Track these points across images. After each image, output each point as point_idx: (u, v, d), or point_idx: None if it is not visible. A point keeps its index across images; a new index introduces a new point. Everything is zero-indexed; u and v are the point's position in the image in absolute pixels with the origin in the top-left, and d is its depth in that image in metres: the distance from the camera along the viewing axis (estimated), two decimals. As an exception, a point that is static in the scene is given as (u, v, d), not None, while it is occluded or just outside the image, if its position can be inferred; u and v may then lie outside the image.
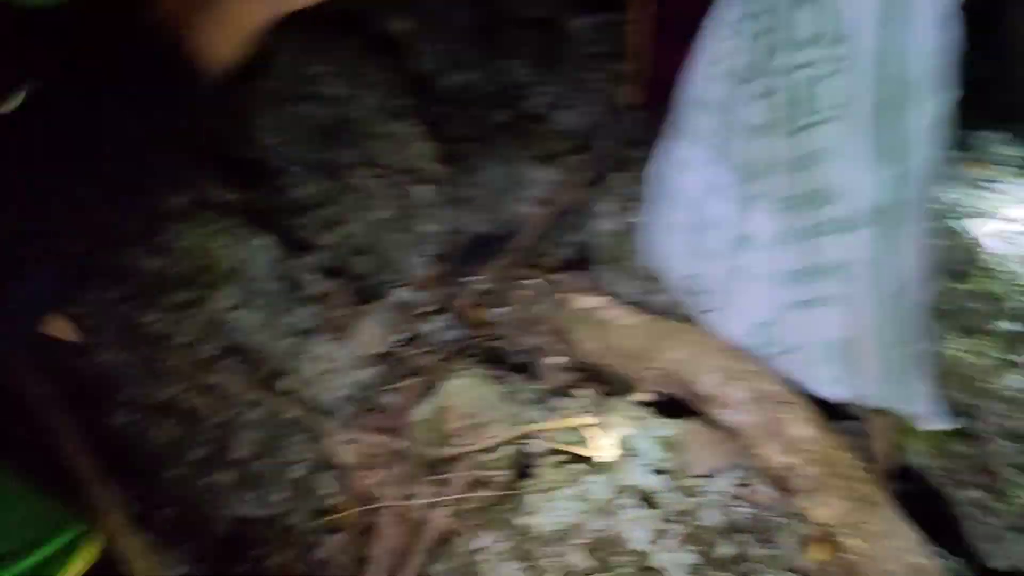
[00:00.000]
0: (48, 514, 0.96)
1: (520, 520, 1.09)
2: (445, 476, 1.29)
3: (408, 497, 1.27)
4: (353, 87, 1.56)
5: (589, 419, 1.28)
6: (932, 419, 1.06)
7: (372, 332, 1.46)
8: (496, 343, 1.51)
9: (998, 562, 1.10)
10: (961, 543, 1.12)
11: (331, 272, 1.50)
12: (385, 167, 1.57)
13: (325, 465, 1.37)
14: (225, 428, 1.35)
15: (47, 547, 0.93)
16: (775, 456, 1.03)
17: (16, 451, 1.09)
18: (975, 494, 1.10)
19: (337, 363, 1.41)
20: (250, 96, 1.54)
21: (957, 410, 1.10)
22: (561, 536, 1.07)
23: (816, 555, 1.03)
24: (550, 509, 1.09)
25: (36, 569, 0.91)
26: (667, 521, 1.06)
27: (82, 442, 1.25)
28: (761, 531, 1.06)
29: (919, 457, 1.12)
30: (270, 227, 1.46)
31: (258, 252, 1.39)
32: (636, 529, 1.04)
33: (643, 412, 1.21)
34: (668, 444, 1.12)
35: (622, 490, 1.08)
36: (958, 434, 1.11)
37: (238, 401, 1.35)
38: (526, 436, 1.28)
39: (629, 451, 1.13)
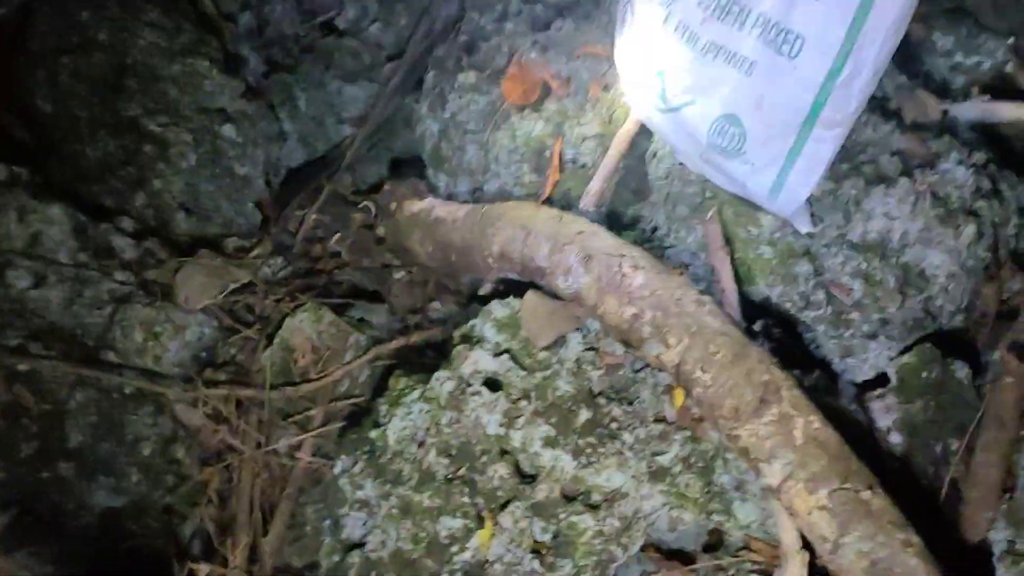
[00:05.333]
0: None
1: (373, 435, 1.03)
2: (302, 415, 1.23)
3: (267, 445, 1.20)
4: (126, 29, 1.45)
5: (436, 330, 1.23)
6: (800, 220, 1.02)
7: (198, 287, 1.37)
8: (338, 272, 1.44)
9: (858, 374, 1.07)
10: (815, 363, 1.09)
11: (146, 233, 1.40)
12: (182, 112, 1.47)
13: (176, 434, 1.29)
14: (54, 416, 1.25)
15: None
16: (616, 311, 0.98)
17: None
18: (825, 311, 1.07)
19: (167, 325, 1.32)
20: (11, 59, 1.43)
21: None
22: (414, 441, 1.01)
23: (679, 400, 0.98)
24: (400, 417, 1.03)
25: None
26: (517, 401, 1.00)
27: None
28: (617, 389, 1.01)
29: (763, 287, 1.08)
30: (65, 196, 1.35)
31: (52, 225, 1.29)
32: (486, 416, 0.99)
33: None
34: (506, 325, 1.06)
35: (467, 381, 1.02)
36: (800, 254, 1.07)
37: (61, 385, 1.25)
38: (377, 357, 1.22)
39: (469, 341, 1.07)
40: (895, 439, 1.08)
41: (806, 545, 0.98)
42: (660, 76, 1.13)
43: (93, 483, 1.31)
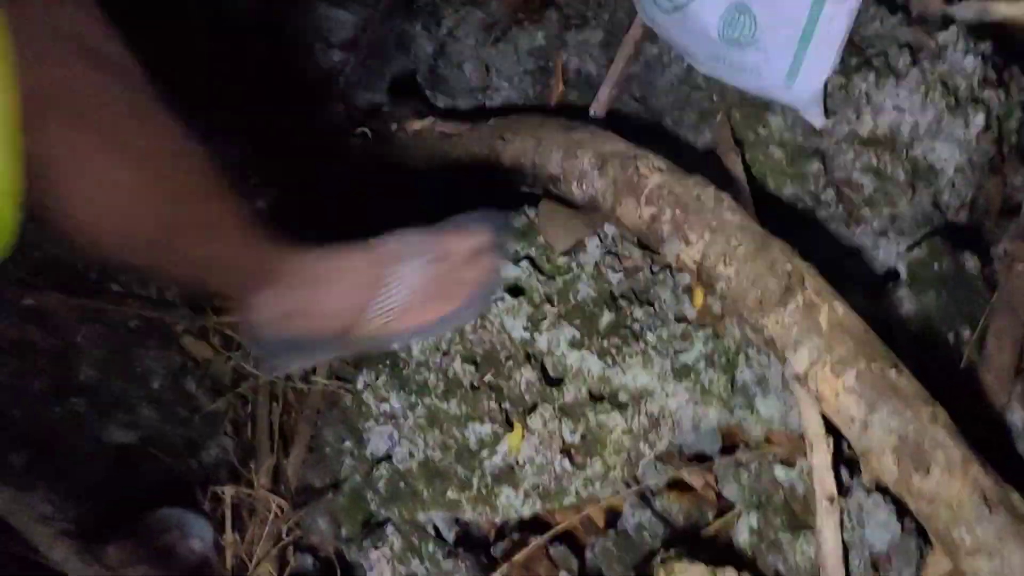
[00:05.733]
0: None
1: (396, 347, 1.03)
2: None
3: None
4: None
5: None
6: (814, 110, 1.03)
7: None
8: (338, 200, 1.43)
9: (870, 270, 1.09)
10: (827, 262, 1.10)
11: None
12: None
13: (187, 366, 1.28)
14: (63, 352, 1.24)
15: None
16: (634, 212, 0.98)
17: None
18: (836, 209, 1.08)
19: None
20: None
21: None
22: (438, 350, 1.01)
23: (700, 298, 0.99)
24: (423, 327, 1.03)
25: None
26: (539, 306, 1.01)
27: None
28: (638, 292, 1.02)
29: (774, 187, 1.09)
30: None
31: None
32: (510, 321, 0.99)
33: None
34: (523, 233, 1.06)
35: (487, 288, 1.03)
36: (810, 153, 1.08)
37: (67, 319, 1.23)
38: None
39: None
40: (909, 331, 1.10)
41: (830, 432, 0.99)
42: (667, -27, 1.13)
43: (105, 418, 1.31)
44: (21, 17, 0.53)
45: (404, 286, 0.91)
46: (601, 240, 1.09)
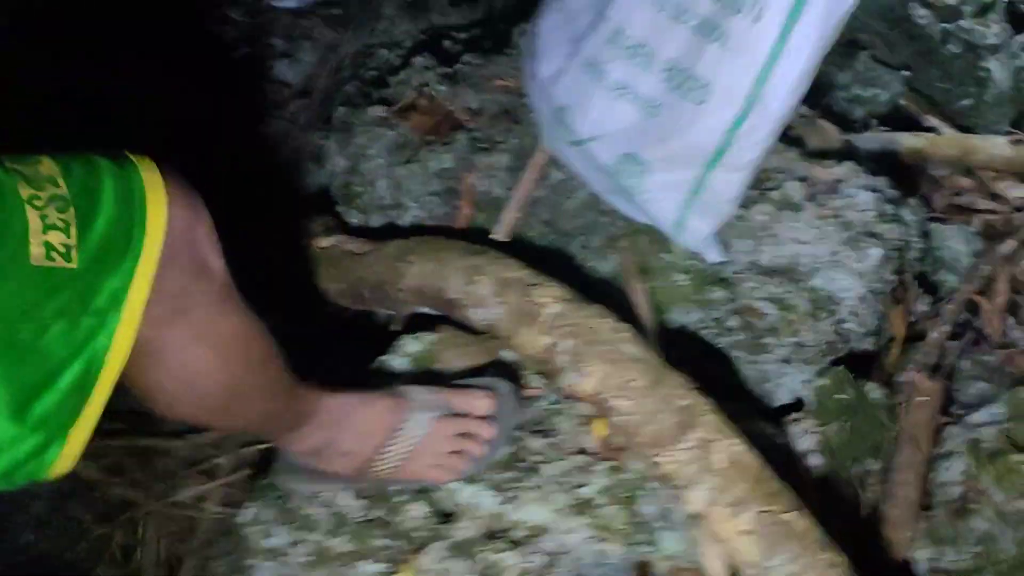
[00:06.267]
0: None
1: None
2: (209, 463, 1.17)
3: (172, 496, 1.14)
4: None
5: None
6: (709, 251, 1.03)
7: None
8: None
9: (775, 398, 1.07)
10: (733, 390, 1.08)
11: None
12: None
13: (73, 489, 1.21)
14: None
15: None
16: (532, 341, 0.96)
17: None
18: (740, 337, 1.07)
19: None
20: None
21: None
22: (327, 483, 0.97)
23: (599, 430, 0.96)
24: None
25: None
26: (433, 437, 0.97)
27: None
28: (536, 422, 0.99)
29: (679, 314, 1.08)
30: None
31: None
32: (401, 454, 0.95)
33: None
34: (420, 359, 1.03)
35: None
36: (714, 280, 1.07)
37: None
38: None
39: (380, 376, 1.03)
40: (814, 462, 1.08)
41: (733, 572, 0.96)
42: (568, 110, 1.14)
43: (-12, 543, 1.23)
44: (170, 230, 0.70)
45: (413, 436, 0.98)
46: (499, 369, 1.07)
